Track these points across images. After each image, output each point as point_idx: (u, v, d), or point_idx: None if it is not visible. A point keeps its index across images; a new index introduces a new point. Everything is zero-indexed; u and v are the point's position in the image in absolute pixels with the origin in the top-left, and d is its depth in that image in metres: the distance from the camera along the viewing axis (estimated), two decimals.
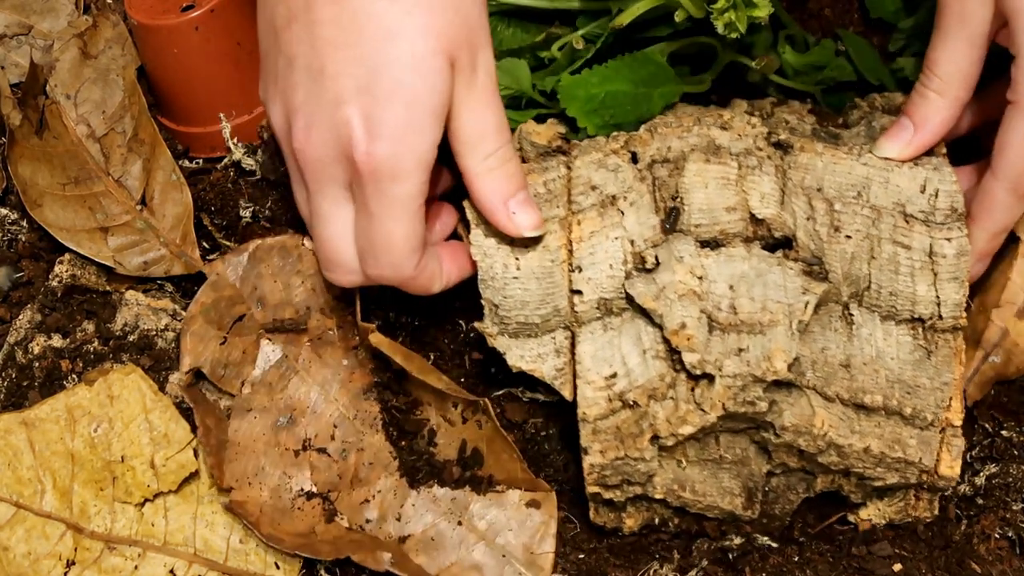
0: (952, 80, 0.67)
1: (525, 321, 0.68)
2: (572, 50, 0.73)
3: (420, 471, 0.71)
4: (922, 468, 0.66)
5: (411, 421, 0.72)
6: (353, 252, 0.66)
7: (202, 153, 0.84)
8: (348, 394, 0.73)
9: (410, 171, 0.62)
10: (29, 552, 0.69)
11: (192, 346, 0.74)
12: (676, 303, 0.64)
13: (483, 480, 0.71)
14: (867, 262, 0.67)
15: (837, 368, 0.66)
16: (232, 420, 0.72)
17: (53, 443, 0.72)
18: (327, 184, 0.64)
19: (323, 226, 0.66)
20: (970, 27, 0.65)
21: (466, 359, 0.76)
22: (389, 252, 0.64)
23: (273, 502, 0.70)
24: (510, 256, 0.68)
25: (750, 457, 0.67)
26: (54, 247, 0.80)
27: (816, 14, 0.83)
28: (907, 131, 0.68)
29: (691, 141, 0.70)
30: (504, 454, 0.70)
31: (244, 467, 0.71)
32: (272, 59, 0.64)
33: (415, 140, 0.61)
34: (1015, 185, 0.66)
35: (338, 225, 0.65)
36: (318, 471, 0.71)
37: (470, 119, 0.64)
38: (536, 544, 0.69)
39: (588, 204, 0.68)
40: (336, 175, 0.63)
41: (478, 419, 0.71)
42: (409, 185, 0.62)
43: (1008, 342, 0.73)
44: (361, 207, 0.63)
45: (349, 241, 0.65)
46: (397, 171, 0.61)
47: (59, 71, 0.83)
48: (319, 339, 0.74)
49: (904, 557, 0.70)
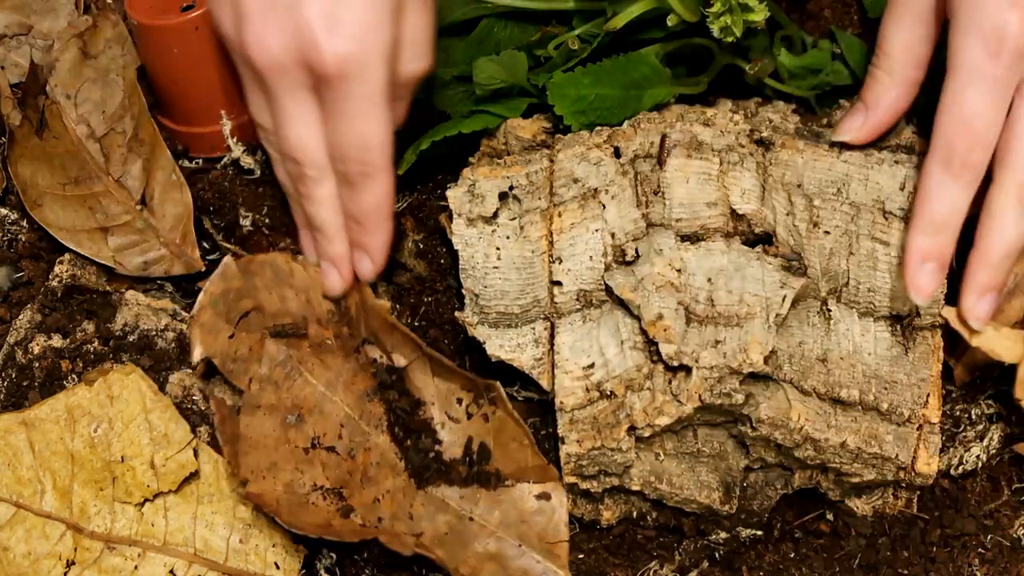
0: (900, 58, 0.66)
1: (505, 311, 0.70)
2: (568, 50, 0.73)
3: (427, 470, 0.72)
4: (899, 464, 0.67)
5: (415, 421, 0.73)
6: (324, 151, 0.66)
7: (202, 153, 0.84)
8: (352, 395, 0.73)
9: (375, 68, 0.63)
10: (29, 552, 0.70)
11: (202, 337, 0.74)
12: (654, 295, 0.66)
13: (491, 476, 0.71)
14: (846, 258, 0.68)
15: (814, 362, 0.67)
16: (242, 416, 0.72)
17: (53, 443, 0.72)
18: (289, 87, 0.64)
19: (290, 126, 0.66)
20: (916, 3, 0.65)
21: (466, 360, 0.77)
22: (365, 151, 0.65)
23: (288, 496, 0.70)
24: (491, 246, 0.70)
25: (728, 451, 0.69)
26: (54, 247, 0.81)
27: (815, 15, 0.83)
28: (860, 114, 0.68)
29: (674, 137, 0.71)
30: (514, 443, 0.71)
31: (258, 461, 0.71)
32: None
33: (379, 35, 0.62)
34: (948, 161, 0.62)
35: (306, 125, 0.66)
36: (329, 468, 0.72)
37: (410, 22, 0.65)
38: (551, 533, 0.70)
39: (570, 196, 0.70)
40: (298, 78, 0.64)
41: (484, 412, 0.71)
42: (375, 83, 0.63)
43: None
44: (330, 109, 0.64)
45: (319, 140, 0.66)
46: (363, 70, 0.62)
47: (59, 71, 0.83)
48: (319, 346, 0.74)
49: (902, 555, 0.70)
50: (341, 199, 0.69)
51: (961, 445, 0.73)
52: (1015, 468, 0.73)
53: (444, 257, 0.79)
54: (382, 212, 0.69)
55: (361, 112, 0.63)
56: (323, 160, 0.67)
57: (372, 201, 0.68)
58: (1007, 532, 0.71)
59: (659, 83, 0.74)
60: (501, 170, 0.71)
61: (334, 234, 0.70)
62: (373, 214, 0.69)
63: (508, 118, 0.74)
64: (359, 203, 0.68)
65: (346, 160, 0.66)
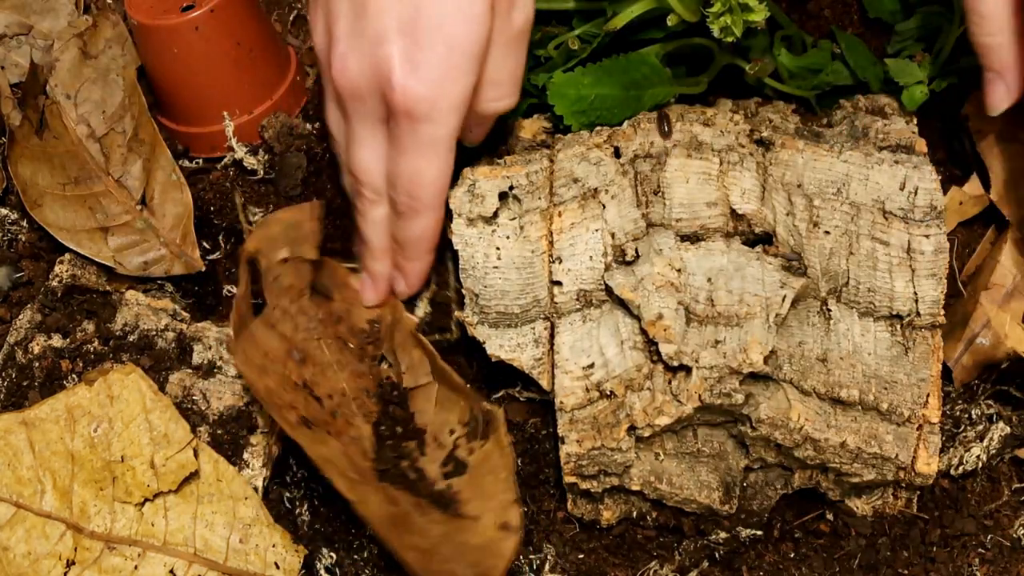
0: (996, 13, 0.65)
1: (505, 311, 0.70)
2: (568, 50, 0.74)
3: (395, 469, 0.71)
4: (899, 464, 0.67)
5: (408, 429, 0.72)
6: (382, 176, 0.68)
7: (202, 153, 0.85)
8: (354, 383, 0.73)
9: (444, 114, 0.63)
10: (29, 552, 0.70)
11: (260, 238, 0.73)
12: (654, 294, 0.66)
13: (451, 503, 0.70)
14: (845, 258, 0.68)
15: (814, 362, 0.67)
16: (258, 321, 0.72)
17: (53, 443, 0.72)
18: (363, 113, 0.66)
19: (358, 148, 0.68)
20: None
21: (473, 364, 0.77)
22: (416, 187, 0.66)
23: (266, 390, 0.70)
24: (491, 246, 0.70)
25: (728, 451, 0.69)
26: (54, 247, 0.81)
27: (815, 15, 0.83)
28: (998, 82, 0.67)
29: (674, 137, 0.71)
30: (490, 476, 0.69)
31: (253, 355, 0.71)
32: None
33: (452, 84, 0.63)
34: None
35: (372, 150, 0.67)
36: (310, 407, 0.72)
37: (496, 63, 0.65)
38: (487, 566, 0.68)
39: (570, 196, 0.70)
40: (373, 107, 0.65)
41: (471, 447, 0.71)
42: (442, 127, 0.64)
43: (995, 325, 0.73)
44: (394, 141, 0.65)
45: (381, 167, 0.68)
46: (432, 113, 0.63)
47: (59, 71, 0.83)
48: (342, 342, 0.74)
49: (902, 555, 0.71)
50: (390, 223, 0.71)
51: (961, 445, 0.73)
52: (1015, 468, 0.74)
53: None
54: (423, 244, 0.70)
55: (422, 152, 0.65)
56: (381, 186, 0.68)
57: (416, 232, 0.69)
58: (1007, 532, 0.71)
59: (659, 83, 0.74)
60: (501, 170, 0.71)
61: (379, 253, 0.72)
62: (415, 244, 0.70)
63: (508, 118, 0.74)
64: (404, 232, 0.70)
65: (398, 191, 0.67)
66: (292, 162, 0.83)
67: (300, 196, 0.81)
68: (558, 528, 0.73)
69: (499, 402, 0.76)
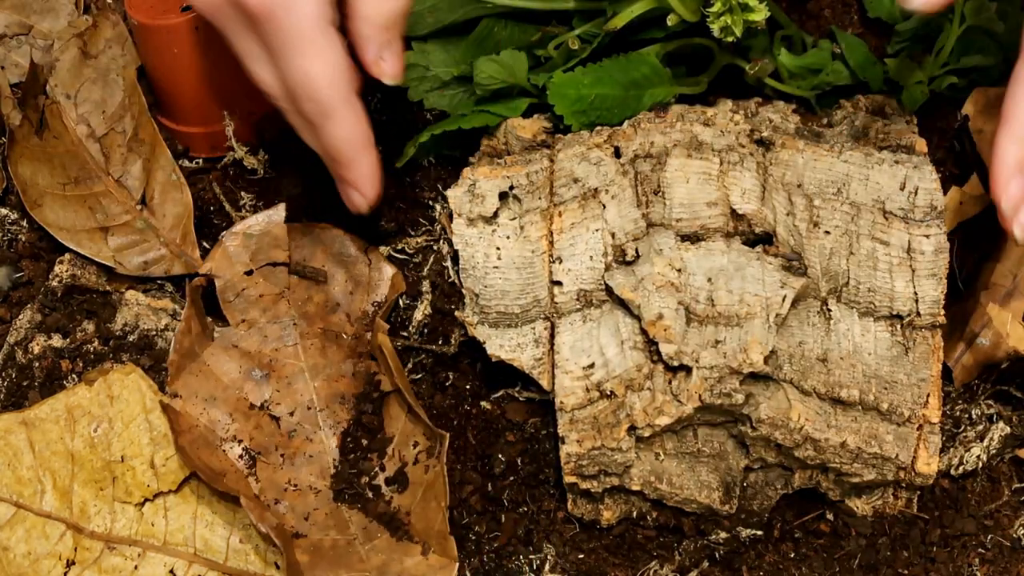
0: None
1: (505, 311, 0.70)
2: (568, 50, 0.74)
3: (351, 489, 0.72)
4: (899, 465, 0.67)
5: (375, 440, 0.73)
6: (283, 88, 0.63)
7: (202, 153, 0.85)
8: (328, 391, 0.74)
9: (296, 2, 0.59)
10: (29, 552, 0.70)
11: (220, 257, 0.73)
12: (654, 294, 0.66)
13: (401, 526, 0.71)
14: (846, 258, 0.68)
15: (814, 362, 0.67)
16: (213, 344, 0.72)
17: (53, 443, 0.72)
18: (237, 31, 0.62)
19: (248, 66, 0.64)
20: None
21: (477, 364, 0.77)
22: (312, 90, 0.61)
23: (204, 433, 0.71)
24: (491, 246, 0.70)
25: (728, 451, 0.69)
26: (54, 247, 0.81)
27: (815, 15, 0.83)
28: None
29: (674, 136, 0.72)
30: (434, 502, 0.70)
31: (198, 388, 0.71)
32: None
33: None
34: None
35: (259, 63, 0.63)
36: (260, 432, 0.72)
37: None
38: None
39: (570, 196, 0.70)
40: (242, 23, 0.61)
41: (428, 464, 0.71)
42: (302, 18, 0.59)
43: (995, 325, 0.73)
44: (270, 50, 0.61)
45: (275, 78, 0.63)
46: (285, 4, 0.58)
47: (59, 71, 0.83)
48: (333, 335, 0.74)
49: (902, 555, 0.71)
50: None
51: (961, 445, 0.73)
52: (1015, 468, 0.74)
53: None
54: (353, 146, 0.65)
55: (298, 50, 0.60)
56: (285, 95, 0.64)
57: (339, 137, 0.64)
58: (1007, 532, 0.72)
59: (659, 83, 0.74)
60: (501, 170, 0.72)
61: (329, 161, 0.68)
62: (344, 150, 0.65)
63: (508, 118, 0.74)
64: (327, 141, 0.65)
65: (299, 100, 0.62)
66: (292, 162, 0.83)
67: (300, 195, 0.81)
68: (558, 528, 0.73)
69: (499, 402, 0.76)
